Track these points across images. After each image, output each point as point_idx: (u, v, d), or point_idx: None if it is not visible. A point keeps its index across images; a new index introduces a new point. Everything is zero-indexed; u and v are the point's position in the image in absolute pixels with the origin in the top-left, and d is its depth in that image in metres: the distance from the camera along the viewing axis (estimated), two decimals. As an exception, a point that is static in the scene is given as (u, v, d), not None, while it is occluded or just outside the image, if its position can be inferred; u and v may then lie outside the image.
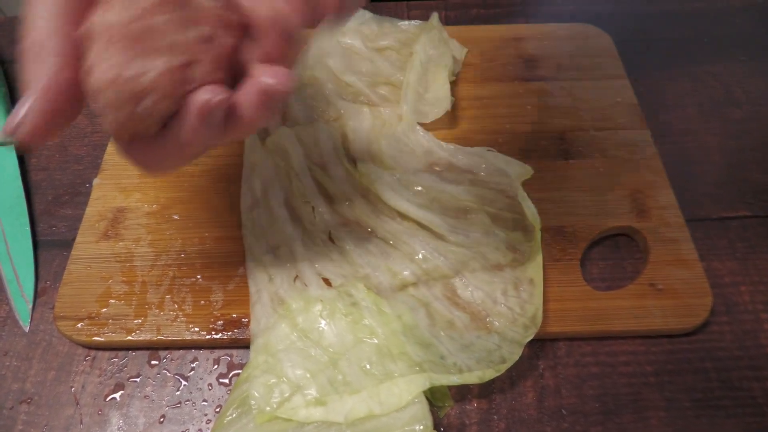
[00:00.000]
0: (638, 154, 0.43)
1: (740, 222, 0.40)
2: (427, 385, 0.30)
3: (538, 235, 0.36)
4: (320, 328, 0.33)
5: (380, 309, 0.33)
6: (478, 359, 0.32)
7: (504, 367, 0.31)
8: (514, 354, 0.32)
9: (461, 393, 0.34)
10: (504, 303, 0.34)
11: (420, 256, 0.36)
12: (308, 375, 0.31)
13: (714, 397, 0.33)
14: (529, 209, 0.37)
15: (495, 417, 0.33)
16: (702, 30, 0.53)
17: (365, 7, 0.50)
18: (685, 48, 0.51)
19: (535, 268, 0.35)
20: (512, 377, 0.34)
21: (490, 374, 0.31)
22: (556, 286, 0.36)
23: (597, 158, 0.42)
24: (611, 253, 0.39)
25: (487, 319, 0.34)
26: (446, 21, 0.53)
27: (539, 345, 0.35)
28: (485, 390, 0.34)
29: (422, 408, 0.30)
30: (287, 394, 0.30)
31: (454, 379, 0.31)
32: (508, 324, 0.34)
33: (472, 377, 0.31)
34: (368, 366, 0.31)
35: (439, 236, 0.37)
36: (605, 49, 0.50)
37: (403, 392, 0.30)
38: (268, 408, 0.30)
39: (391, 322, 0.32)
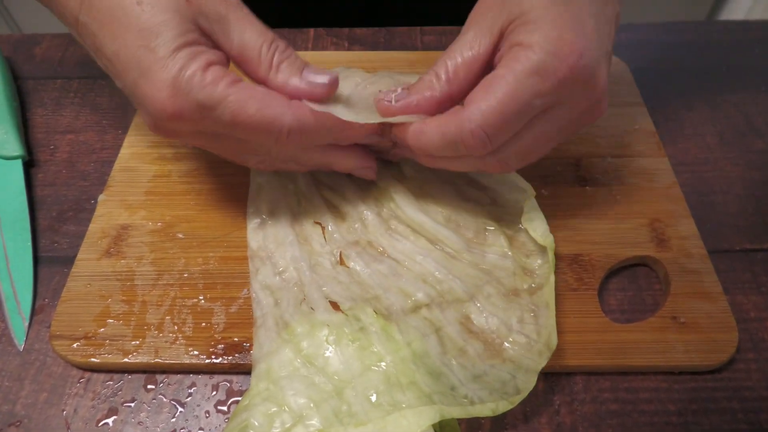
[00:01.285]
0: (657, 182, 0.41)
1: (765, 255, 0.39)
2: (437, 418, 0.28)
3: (551, 254, 0.34)
4: (326, 355, 0.31)
5: (389, 335, 0.31)
6: (491, 390, 0.30)
7: (518, 399, 0.30)
8: (528, 383, 0.30)
9: (472, 427, 0.32)
10: (520, 330, 0.33)
11: (433, 276, 0.35)
12: (311, 404, 0.29)
13: (742, 439, 0.31)
14: (536, 232, 0.35)
15: (508, 455, 0.31)
16: (720, 60, 0.52)
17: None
18: (704, 77, 0.50)
19: (548, 290, 0.34)
20: (526, 413, 0.32)
21: (503, 406, 0.29)
22: (573, 317, 0.35)
23: (614, 186, 0.41)
24: (630, 284, 0.37)
25: (503, 346, 0.32)
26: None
27: (555, 379, 0.33)
28: (497, 425, 0.32)
29: (431, 443, 0.28)
30: (288, 425, 0.29)
31: (466, 412, 0.29)
32: (523, 352, 0.32)
33: (485, 410, 0.29)
34: (375, 396, 0.30)
35: (453, 257, 0.35)
36: (621, 76, 0.49)
37: (412, 425, 0.28)
38: (267, 438, 0.28)
39: (401, 350, 0.31)
